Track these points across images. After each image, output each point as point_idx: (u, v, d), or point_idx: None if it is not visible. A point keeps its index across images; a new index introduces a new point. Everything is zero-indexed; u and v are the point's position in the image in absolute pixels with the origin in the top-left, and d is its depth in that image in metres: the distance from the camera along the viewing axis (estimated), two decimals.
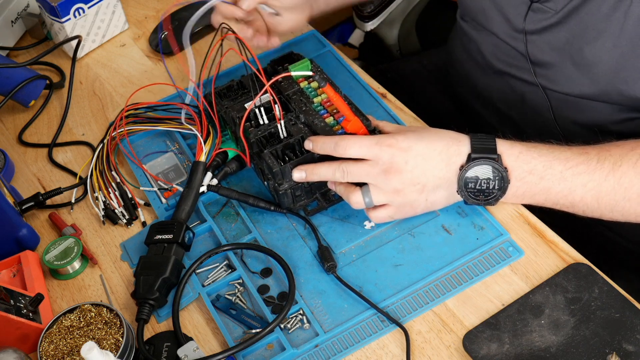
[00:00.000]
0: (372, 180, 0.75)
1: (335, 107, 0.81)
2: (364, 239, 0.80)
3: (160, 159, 0.91)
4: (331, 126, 0.80)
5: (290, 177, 0.78)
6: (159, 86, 1.00)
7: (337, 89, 0.82)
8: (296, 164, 0.78)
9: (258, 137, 0.80)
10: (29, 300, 0.75)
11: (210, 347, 0.74)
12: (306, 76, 0.85)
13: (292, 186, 0.79)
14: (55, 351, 0.71)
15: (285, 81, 0.85)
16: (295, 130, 0.80)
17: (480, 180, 0.73)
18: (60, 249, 0.82)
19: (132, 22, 1.14)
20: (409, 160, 0.73)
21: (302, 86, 0.85)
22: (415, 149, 0.74)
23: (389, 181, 0.74)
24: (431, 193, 0.75)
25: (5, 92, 1.00)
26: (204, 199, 0.85)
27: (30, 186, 0.93)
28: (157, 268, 0.77)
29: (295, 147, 0.80)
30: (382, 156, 0.73)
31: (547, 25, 0.82)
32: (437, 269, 0.76)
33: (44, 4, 1.04)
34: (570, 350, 0.67)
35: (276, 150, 0.79)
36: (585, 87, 0.82)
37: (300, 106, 0.82)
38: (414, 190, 0.74)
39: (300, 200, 0.81)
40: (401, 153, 0.73)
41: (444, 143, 0.74)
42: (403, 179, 0.74)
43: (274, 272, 0.78)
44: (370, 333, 0.72)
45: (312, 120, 0.80)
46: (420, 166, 0.73)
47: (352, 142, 0.74)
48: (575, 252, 0.76)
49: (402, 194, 0.75)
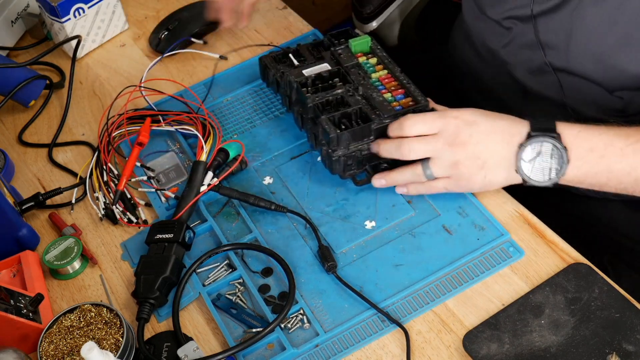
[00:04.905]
0: (435, 154, 0.75)
1: (393, 85, 0.84)
2: (364, 238, 0.80)
3: (161, 159, 0.91)
4: (389, 101, 0.82)
5: (345, 145, 0.79)
6: (160, 86, 1.00)
7: (395, 71, 0.85)
8: (352, 133, 0.79)
9: (316, 103, 0.82)
10: (29, 300, 0.75)
11: (210, 347, 0.74)
12: (365, 51, 0.88)
13: (345, 154, 0.80)
14: (55, 351, 0.71)
15: (344, 54, 0.88)
16: (353, 102, 0.82)
17: (540, 159, 0.73)
18: (60, 249, 0.82)
19: (132, 22, 1.14)
20: (473, 134, 0.74)
21: (360, 61, 0.87)
22: (479, 124, 0.74)
23: (452, 153, 0.74)
24: (490, 171, 0.75)
25: (5, 92, 1.00)
26: (204, 198, 0.85)
27: (30, 186, 0.93)
28: (157, 267, 0.77)
29: (352, 116, 0.81)
30: (448, 128, 0.74)
31: (553, 6, 0.82)
32: (438, 269, 0.76)
33: (44, 4, 1.04)
34: (570, 350, 0.67)
35: (334, 117, 0.81)
36: (590, 68, 0.82)
37: (359, 79, 0.84)
38: (475, 165, 0.75)
39: (350, 169, 0.82)
40: (466, 126, 0.74)
41: (505, 122, 0.74)
42: (467, 152, 0.74)
43: (275, 271, 0.78)
44: (370, 333, 0.72)
45: (371, 94, 0.82)
46: (483, 142, 0.74)
47: (416, 119, 0.75)
48: (575, 252, 0.76)
49: (462, 167, 0.75)
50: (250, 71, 1.01)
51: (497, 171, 0.75)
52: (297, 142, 0.90)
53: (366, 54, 0.89)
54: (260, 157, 0.90)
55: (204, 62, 1.05)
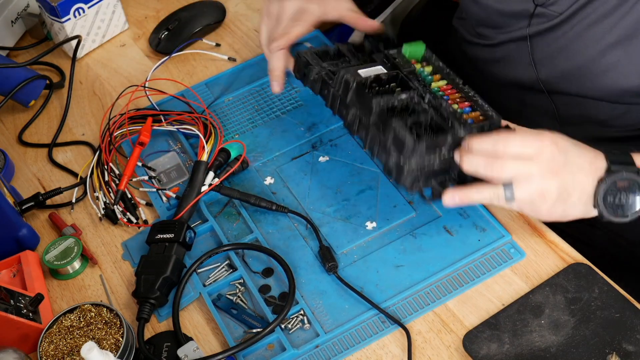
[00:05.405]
0: (527, 178, 0.68)
1: (457, 96, 0.77)
2: (365, 239, 0.80)
3: (163, 159, 0.91)
4: (459, 113, 0.74)
5: (421, 155, 0.71)
6: (161, 86, 1.00)
7: (455, 81, 0.78)
8: (429, 143, 0.71)
9: (382, 107, 0.75)
10: (29, 300, 0.75)
11: (210, 347, 0.74)
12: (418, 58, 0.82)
13: (419, 165, 0.72)
14: (55, 351, 0.71)
15: (400, 59, 0.81)
16: (421, 109, 0.75)
17: (620, 194, 0.69)
18: (60, 249, 0.82)
19: (132, 22, 1.14)
20: (567, 164, 0.68)
21: (416, 68, 0.81)
22: (573, 153, 0.69)
23: (543, 181, 0.68)
24: (570, 206, 0.70)
25: (5, 92, 1.00)
26: (205, 198, 0.85)
27: (30, 186, 0.93)
28: (158, 267, 0.77)
29: (423, 125, 0.73)
30: (544, 153, 0.68)
31: (549, 27, 0.82)
32: (439, 270, 0.76)
33: (44, 4, 1.04)
34: (570, 350, 0.68)
35: (406, 123, 0.73)
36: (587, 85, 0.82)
37: (420, 86, 0.77)
38: (559, 198, 0.69)
39: (418, 182, 0.74)
40: (561, 153, 0.68)
41: (590, 154, 0.69)
42: (557, 183, 0.68)
43: (275, 272, 0.78)
44: (370, 334, 0.72)
45: (440, 103, 0.75)
46: (573, 173, 0.69)
47: (516, 138, 0.69)
48: (575, 252, 0.76)
49: (548, 198, 0.69)
50: (252, 71, 1.01)
51: (577, 206, 0.70)
52: (298, 143, 0.90)
53: (419, 61, 0.82)
54: (261, 157, 0.90)
55: (204, 62, 1.05)
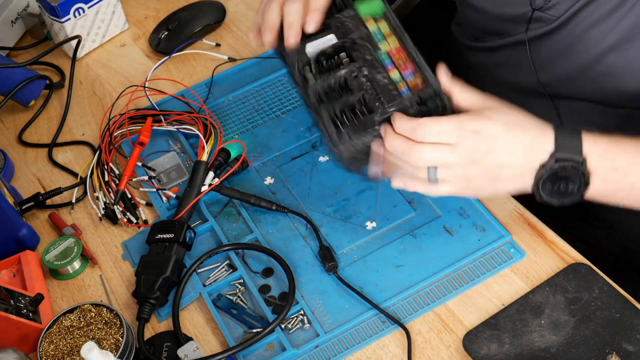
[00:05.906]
0: (446, 166, 0.69)
1: (402, 59, 0.73)
2: (365, 239, 0.80)
3: (163, 159, 0.91)
4: (395, 83, 0.71)
5: (347, 141, 0.70)
6: (161, 86, 1.00)
7: (405, 42, 0.74)
8: (352, 129, 0.70)
9: (316, 90, 0.72)
10: (29, 300, 0.75)
11: (210, 347, 0.74)
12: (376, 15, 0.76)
13: (349, 149, 0.70)
14: (55, 351, 0.71)
15: (352, 20, 0.75)
16: (356, 85, 0.72)
17: (560, 182, 0.68)
18: (60, 249, 0.82)
19: (132, 22, 1.14)
20: (490, 152, 0.68)
21: (370, 29, 0.75)
22: (500, 140, 0.68)
23: (464, 169, 0.68)
24: (501, 184, 0.70)
25: (5, 92, 0.99)
26: (205, 198, 0.85)
27: (30, 186, 0.93)
28: (158, 267, 0.77)
29: (355, 106, 0.71)
30: (465, 143, 0.67)
31: (547, 31, 0.82)
32: (439, 270, 0.76)
33: (44, 4, 1.04)
34: (570, 350, 0.68)
35: (334, 108, 0.71)
36: (587, 89, 0.82)
37: (365, 54, 0.73)
38: (486, 179, 0.69)
39: (356, 162, 0.73)
40: (485, 142, 0.67)
41: (530, 137, 0.68)
42: (478, 169, 0.68)
43: (275, 272, 0.78)
44: (370, 334, 0.72)
45: (374, 75, 0.72)
46: (500, 158, 0.68)
47: (432, 127, 0.67)
48: (575, 252, 0.76)
49: (472, 180, 0.69)
50: (252, 71, 1.01)
51: (509, 184, 0.70)
52: (298, 143, 0.90)
53: (376, 19, 0.76)
54: (261, 157, 0.90)
55: (203, 62, 1.05)
